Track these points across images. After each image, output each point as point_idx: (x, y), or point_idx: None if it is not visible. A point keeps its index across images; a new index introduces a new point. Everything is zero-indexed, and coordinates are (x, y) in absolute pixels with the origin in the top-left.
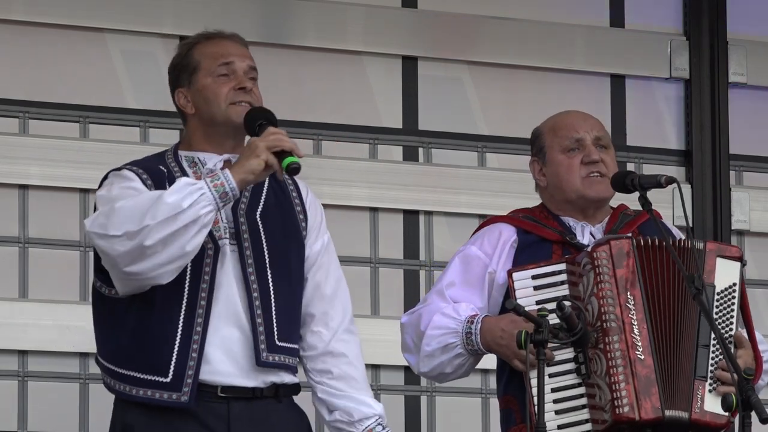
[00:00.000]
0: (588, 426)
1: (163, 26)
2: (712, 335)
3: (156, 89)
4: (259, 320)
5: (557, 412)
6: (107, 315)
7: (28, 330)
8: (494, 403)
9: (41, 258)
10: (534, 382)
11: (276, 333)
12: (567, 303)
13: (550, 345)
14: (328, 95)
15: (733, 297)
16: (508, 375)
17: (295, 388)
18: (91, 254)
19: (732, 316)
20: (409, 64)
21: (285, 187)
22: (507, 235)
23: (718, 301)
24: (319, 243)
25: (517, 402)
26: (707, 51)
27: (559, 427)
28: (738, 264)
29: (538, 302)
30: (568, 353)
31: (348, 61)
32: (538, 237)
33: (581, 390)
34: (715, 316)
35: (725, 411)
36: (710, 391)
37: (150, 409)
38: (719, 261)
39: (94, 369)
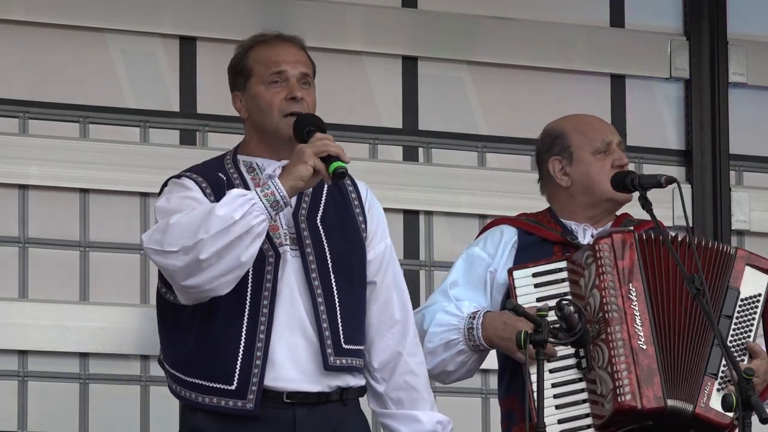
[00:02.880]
0: (588, 420)
1: (163, 26)
2: (730, 336)
3: (156, 89)
4: (324, 325)
5: (557, 407)
6: (171, 321)
7: (28, 330)
8: (494, 403)
9: (41, 258)
10: (533, 378)
11: (342, 336)
12: (566, 302)
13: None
14: (328, 95)
15: (756, 307)
16: (509, 377)
17: (361, 391)
18: (91, 254)
19: (752, 325)
20: (409, 64)
21: (345, 189)
22: (508, 235)
23: (740, 306)
24: (382, 245)
25: (519, 403)
26: (707, 51)
27: (560, 421)
28: (767, 277)
29: (538, 299)
30: (567, 348)
31: (348, 61)
32: (539, 238)
33: (582, 385)
34: (735, 322)
35: (725, 411)
36: (719, 389)
37: (217, 414)
38: (748, 269)
39: (94, 369)
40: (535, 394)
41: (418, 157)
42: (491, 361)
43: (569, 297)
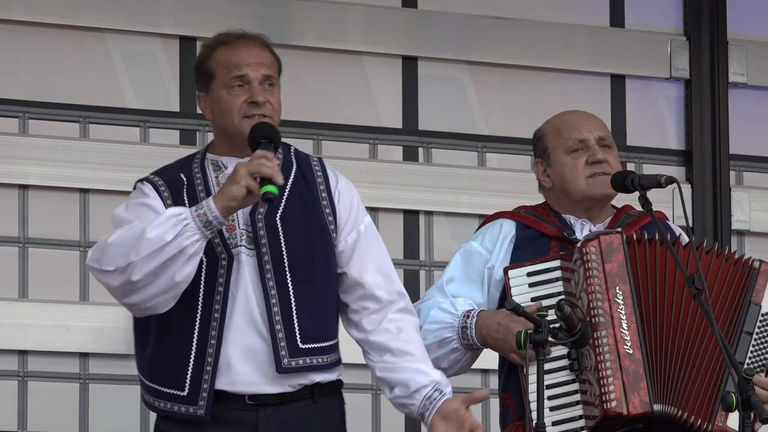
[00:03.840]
0: (582, 422)
1: (163, 26)
2: (750, 353)
3: (156, 89)
4: (278, 326)
5: (551, 409)
6: (138, 328)
7: (28, 330)
8: (494, 403)
9: (41, 258)
10: (531, 378)
11: (299, 337)
12: (566, 303)
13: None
14: (328, 95)
15: None
16: (506, 372)
17: (335, 386)
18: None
19: None
20: (409, 64)
21: (312, 182)
22: (506, 230)
23: (761, 322)
24: (354, 234)
25: (515, 400)
26: (707, 51)
27: (554, 423)
28: None
29: (533, 299)
30: (561, 350)
31: (348, 61)
32: (537, 232)
33: (575, 386)
34: (755, 338)
35: (725, 411)
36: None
37: (176, 421)
38: None
39: (94, 369)
40: (536, 395)
41: (418, 157)
42: (491, 361)
43: (563, 297)
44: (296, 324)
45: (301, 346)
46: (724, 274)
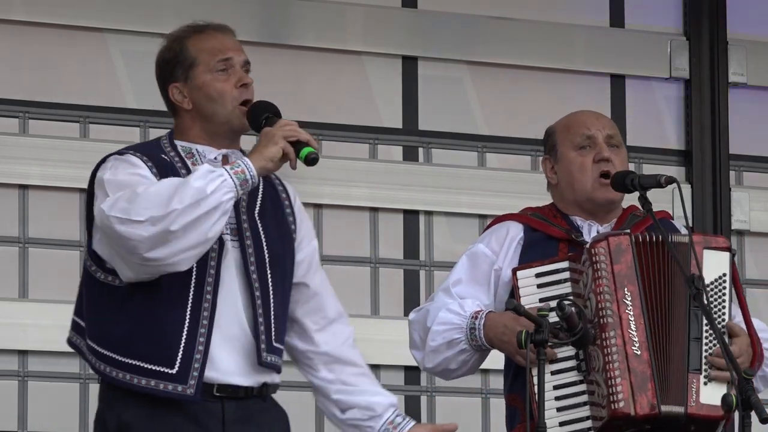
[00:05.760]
0: (589, 423)
1: (164, 26)
2: (705, 327)
3: (156, 89)
4: (261, 320)
5: (559, 409)
6: (104, 300)
7: (28, 330)
8: (494, 403)
9: (41, 258)
10: (535, 380)
11: (273, 334)
12: (567, 303)
13: (550, 345)
14: (328, 95)
15: (724, 288)
16: (513, 373)
17: (276, 388)
18: None
19: (724, 307)
20: (409, 64)
21: (276, 188)
22: (514, 232)
23: (709, 292)
24: (311, 247)
25: (522, 401)
26: (707, 51)
27: (561, 423)
28: (727, 254)
29: (541, 300)
30: (570, 350)
31: (348, 61)
32: (545, 235)
33: (582, 387)
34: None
35: (725, 411)
36: (705, 383)
37: (152, 404)
38: (706, 253)
39: None
40: (537, 395)
41: (418, 157)
42: (491, 361)
43: (571, 297)
44: (273, 322)
45: (274, 344)
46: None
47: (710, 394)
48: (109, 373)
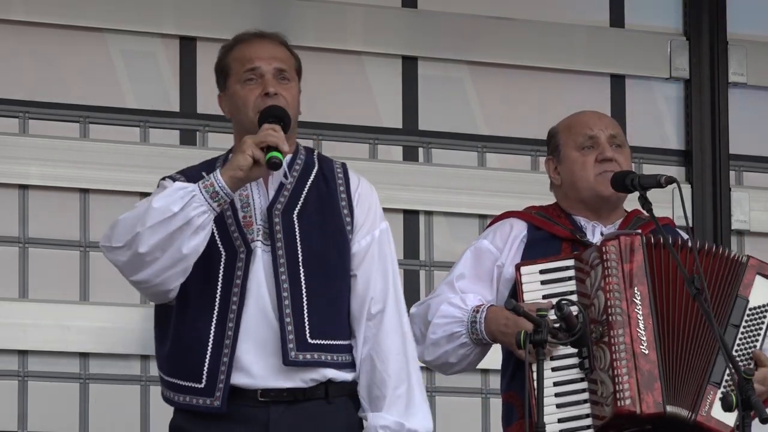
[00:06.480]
0: (588, 420)
1: (163, 26)
2: (736, 345)
3: (156, 89)
4: (287, 319)
5: (558, 406)
6: (158, 321)
7: (28, 330)
8: (494, 403)
9: (41, 258)
10: (534, 376)
11: (308, 330)
12: (565, 302)
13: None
14: (328, 95)
15: (765, 316)
16: (511, 371)
17: (347, 387)
18: (92, 254)
19: (759, 334)
20: (409, 64)
21: (332, 182)
22: (518, 230)
23: (749, 315)
24: (368, 239)
25: (519, 398)
26: (707, 51)
27: (560, 420)
28: None
29: (545, 297)
30: (571, 348)
31: (348, 61)
32: (549, 234)
33: (583, 384)
34: (742, 331)
35: (725, 411)
36: (721, 398)
37: (193, 415)
38: (758, 278)
39: (94, 369)
40: (536, 393)
41: (418, 157)
42: (491, 361)
43: (575, 296)
44: (306, 318)
45: (310, 340)
46: (712, 270)
47: (723, 411)
48: (162, 391)
